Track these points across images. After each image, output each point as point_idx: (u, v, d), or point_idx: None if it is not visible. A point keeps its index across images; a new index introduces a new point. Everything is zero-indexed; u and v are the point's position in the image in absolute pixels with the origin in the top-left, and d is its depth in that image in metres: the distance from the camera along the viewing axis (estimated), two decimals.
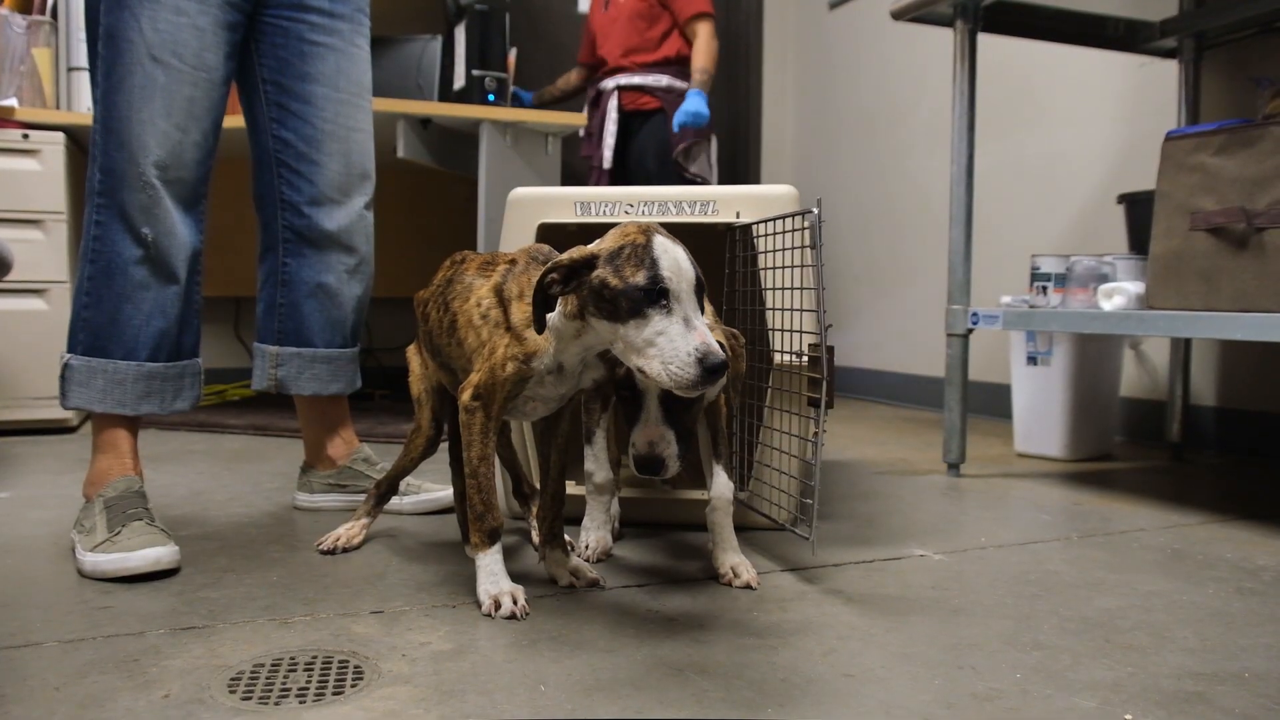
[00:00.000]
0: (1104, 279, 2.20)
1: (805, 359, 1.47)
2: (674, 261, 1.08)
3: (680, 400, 1.22)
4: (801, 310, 1.53)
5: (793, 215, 1.51)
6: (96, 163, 1.51)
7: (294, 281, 1.74)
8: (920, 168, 3.66)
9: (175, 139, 1.52)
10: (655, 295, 1.06)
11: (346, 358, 1.80)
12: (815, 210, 1.39)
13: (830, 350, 1.40)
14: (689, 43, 3.55)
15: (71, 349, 1.54)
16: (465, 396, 1.22)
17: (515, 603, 1.20)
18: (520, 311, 1.19)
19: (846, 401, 3.87)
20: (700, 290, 1.10)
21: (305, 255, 1.73)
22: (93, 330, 1.52)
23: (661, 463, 1.20)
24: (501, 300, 1.22)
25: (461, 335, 1.27)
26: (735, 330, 1.31)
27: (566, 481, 1.38)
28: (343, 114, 1.71)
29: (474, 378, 1.22)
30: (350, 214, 1.74)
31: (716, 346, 1.05)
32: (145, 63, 1.49)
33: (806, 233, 1.44)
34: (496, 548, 1.24)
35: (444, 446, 1.54)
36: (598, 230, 1.22)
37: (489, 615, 1.19)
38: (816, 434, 1.40)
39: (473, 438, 1.21)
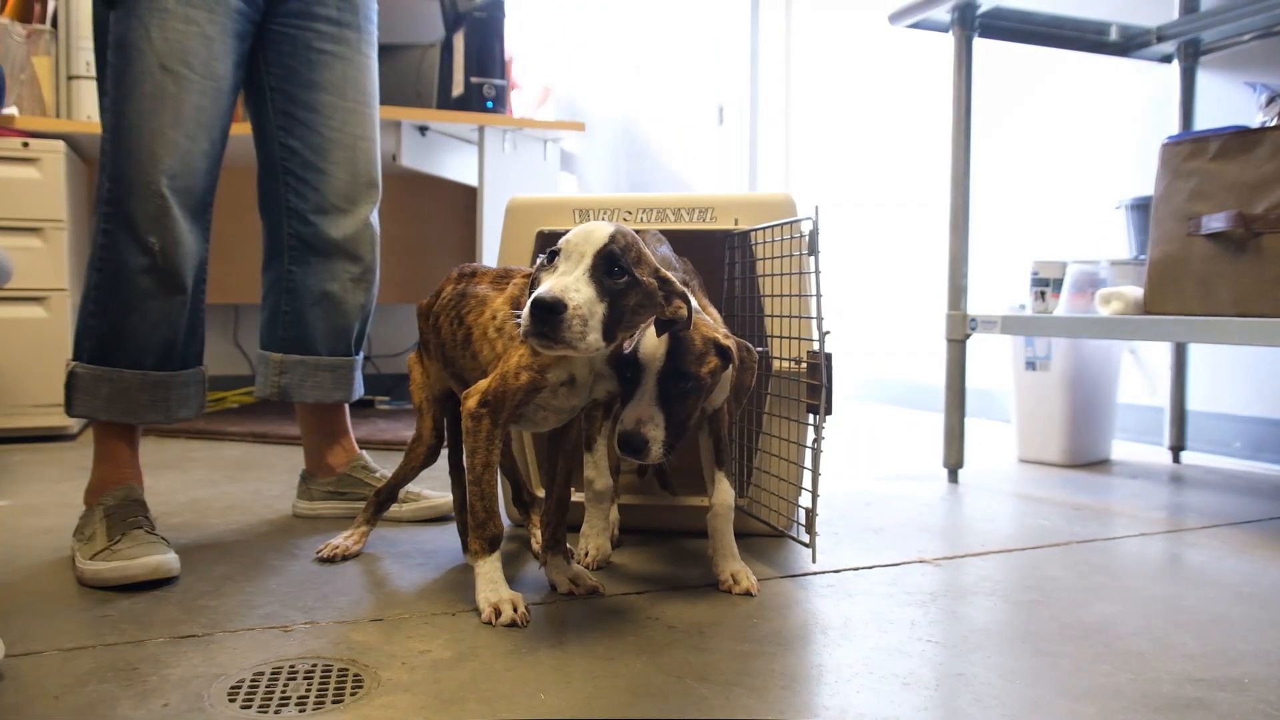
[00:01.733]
0: (1102, 284, 2.20)
1: (804, 365, 1.47)
2: (582, 232, 1.08)
3: (679, 386, 1.20)
4: (800, 317, 1.53)
5: (790, 222, 1.52)
6: (105, 171, 1.51)
7: (299, 289, 1.74)
8: (918, 173, 3.67)
9: (184, 148, 1.52)
10: (550, 259, 1.09)
11: (350, 366, 1.80)
12: (813, 217, 1.40)
13: (829, 357, 1.40)
14: None
15: (77, 357, 1.54)
16: (471, 403, 1.21)
17: (515, 610, 1.19)
18: None
19: (846, 406, 3.87)
20: (608, 259, 1.06)
21: (310, 263, 1.73)
22: (98, 338, 1.52)
23: (645, 443, 1.17)
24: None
25: (476, 348, 1.28)
26: (747, 343, 1.31)
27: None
28: (350, 122, 1.72)
29: (482, 384, 1.21)
30: (356, 222, 1.74)
31: (563, 293, 1.03)
32: (155, 72, 1.49)
33: (804, 239, 1.45)
34: (496, 555, 1.24)
35: (444, 454, 1.54)
36: None
37: (489, 623, 1.19)
38: (815, 440, 1.40)
39: (478, 445, 1.21)
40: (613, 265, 1.07)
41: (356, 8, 1.72)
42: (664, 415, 1.19)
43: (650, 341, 1.21)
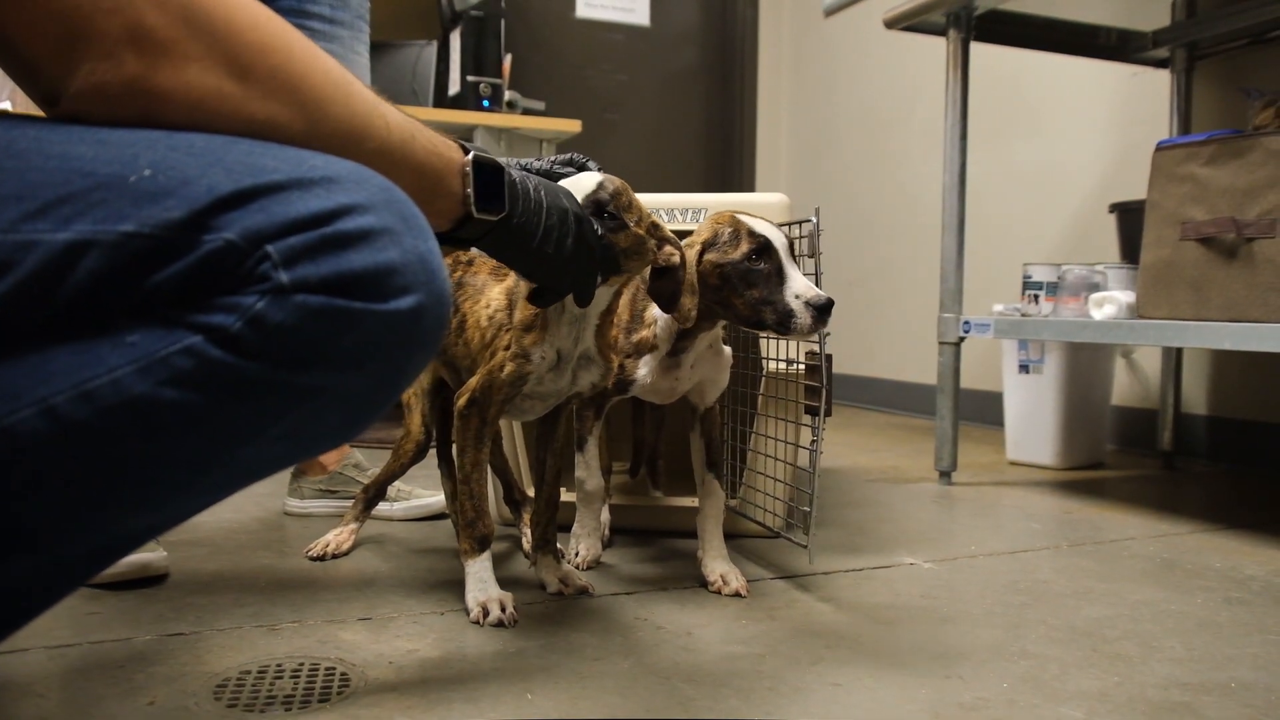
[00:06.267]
0: (1095, 288, 2.20)
1: (803, 367, 1.47)
2: (571, 180, 1.11)
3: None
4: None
5: (792, 224, 1.51)
6: None
7: None
8: (913, 175, 3.67)
9: None
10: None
11: None
12: (814, 219, 1.40)
13: (829, 358, 1.40)
14: None
15: None
16: (461, 402, 1.22)
17: (504, 610, 1.19)
18: (523, 311, 1.19)
19: (838, 408, 3.87)
20: (596, 205, 1.09)
21: None
22: None
23: (831, 303, 1.21)
24: (510, 302, 1.23)
25: (469, 336, 1.28)
26: None
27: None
28: None
29: (471, 382, 1.22)
30: None
31: None
32: None
33: (803, 241, 1.45)
34: (486, 555, 1.24)
35: (434, 451, 1.54)
36: None
37: (477, 622, 1.19)
38: (814, 442, 1.40)
39: (466, 444, 1.21)
40: (600, 210, 1.08)
41: (349, 5, 1.72)
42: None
43: (768, 226, 1.27)
